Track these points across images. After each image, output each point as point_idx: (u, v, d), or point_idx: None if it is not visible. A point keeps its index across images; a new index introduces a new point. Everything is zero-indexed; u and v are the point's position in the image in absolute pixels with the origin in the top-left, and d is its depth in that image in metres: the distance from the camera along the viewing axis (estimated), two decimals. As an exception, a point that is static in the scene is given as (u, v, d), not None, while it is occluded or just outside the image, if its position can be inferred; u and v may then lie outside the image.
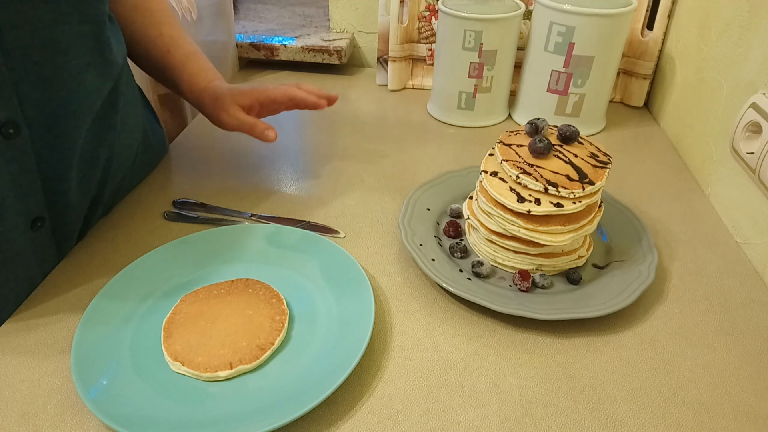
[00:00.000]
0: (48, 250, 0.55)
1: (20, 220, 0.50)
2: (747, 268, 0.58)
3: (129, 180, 0.66)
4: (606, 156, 0.53)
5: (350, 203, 0.66)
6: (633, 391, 0.45)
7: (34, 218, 0.52)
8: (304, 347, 0.47)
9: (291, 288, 0.52)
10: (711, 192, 0.68)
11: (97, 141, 0.56)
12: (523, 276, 0.52)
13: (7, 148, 0.47)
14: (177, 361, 0.44)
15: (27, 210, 0.51)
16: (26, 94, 0.47)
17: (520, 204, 0.49)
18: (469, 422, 0.42)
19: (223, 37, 0.96)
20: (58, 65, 0.48)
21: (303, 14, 1.14)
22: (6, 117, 0.46)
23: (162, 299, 0.51)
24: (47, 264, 0.55)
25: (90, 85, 0.52)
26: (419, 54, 0.95)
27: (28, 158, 0.49)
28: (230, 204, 0.66)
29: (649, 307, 0.53)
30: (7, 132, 0.46)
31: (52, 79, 0.48)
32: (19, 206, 0.50)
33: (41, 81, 0.47)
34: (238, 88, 0.66)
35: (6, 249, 0.49)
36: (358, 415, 0.42)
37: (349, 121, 0.86)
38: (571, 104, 0.80)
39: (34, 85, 0.47)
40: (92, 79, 0.52)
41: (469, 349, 0.48)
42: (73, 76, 0.50)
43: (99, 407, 0.40)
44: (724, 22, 0.69)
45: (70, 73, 0.50)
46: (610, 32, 0.74)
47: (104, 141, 0.57)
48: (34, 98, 0.48)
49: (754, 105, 0.59)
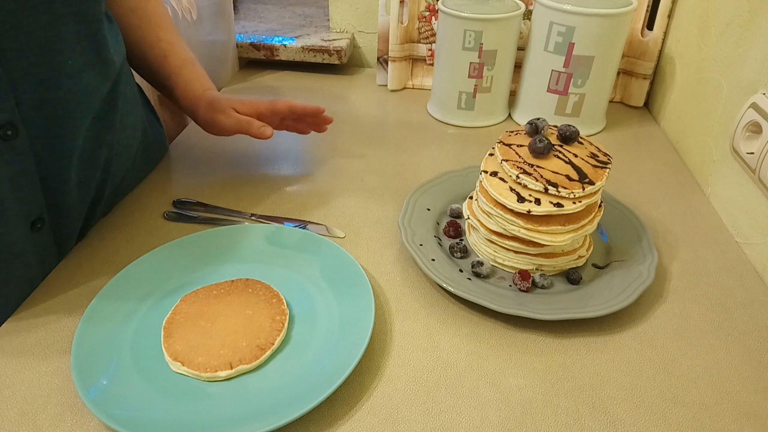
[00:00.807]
0: (48, 250, 0.55)
1: (20, 221, 0.50)
2: (747, 268, 0.58)
3: (129, 179, 0.66)
4: (606, 156, 0.53)
5: (350, 203, 0.66)
6: (633, 391, 0.45)
7: (34, 219, 0.52)
8: (304, 347, 0.47)
9: (291, 288, 0.52)
10: (711, 192, 0.68)
11: (97, 141, 0.56)
12: (523, 276, 0.52)
13: (5, 150, 0.47)
14: (177, 361, 0.44)
15: (27, 211, 0.51)
16: (24, 95, 0.47)
17: (520, 204, 0.49)
18: (469, 422, 0.42)
19: (223, 37, 0.96)
20: (55, 66, 0.48)
21: (303, 14, 1.14)
22: (3, 119, 0.46)
23: (162, 299, 0.51)
24: (47, 264, 0.55)
25: (88, 86, 0.52)
26: (419, 54, 0.95)
27: (27, 160, 0.49)
28: (230, 204, 0.66)
29: (649, 307, 0.53)
30: (5, 134, 0.46)
31: (50, 80, 0.48)
32: (19, 208, 0.50)
33: (38, 82, 0.47)
34: (236, 98, 0.67)
35: (6, 250, 0.49)
36: (358, 415, 0.42)
37: (349, 121, 0.86)
38: (571, 104, 0.80)
39: (31, 87, 0.47)
40: (90, 79, 0.52)
41: (469, 349, 0.48)
42: (70, 76, 0.50)
43: (99, 407, 0.40)
44: (724, 22, 0.69)
45: (67, 74, 0.49)
46: (610, 32, 0.74)
47: (103, 141, 0.57)
48: (32, 99, 0.47)
49: (754, 105, 0.59)
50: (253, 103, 0.66)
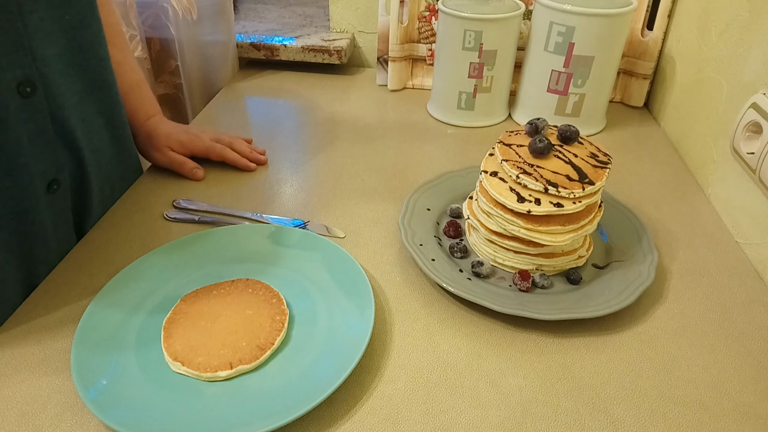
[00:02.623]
0: (63, 216, 0.56)
1: (37, 180, 0.50)
2: (747, 268, 0.58)
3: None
4: (606, 156, 0.53)
5: (350, 203, 0.66)
6: (633, 391, 0.45)
7: (50, 180, 0.52)
8: (304, 347, 0.47)
9: (291, 288, 0.52)
10: (711, 192, 0.68)
11: (97, 104, 0.58)
12: (523, 276, 0.52)
13: (24, 109, 0.47)
14: (177, 361, 0.44)
15: (43, 171, 0.51)
16: (39, 51, 0.48)
17: (520, 204, 0.49)
18: (469, 422, 0.42)
19: (223, 37, 0.96)
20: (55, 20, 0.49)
21: (303, 14, 1.14)
22: (23, 75, 0.46)
23: (162, 299, 0.51)
24: (61, 231, 0.56)
25: (88, 40, 0.54)
26: (419, 54, 0.95)
27: (44, 118, 0.49)
28: (230, 204, 0.66)
29: (649, 307, 0.53)
30: (24, 90, 0.47)
31: (55, 35, 0.49)
32: (35, 167, 0.50)
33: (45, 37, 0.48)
34: (175, 135, 0.69)
35: (21, 208, 0.50)
36: (358, 415, 0.42)
37: (349, 121, 0.86)
38: (571, 104, 0.80)
39: (42, 43, 0.48)
40: (89, 35, 0.54)
41: (469, 349, 0.48)
42: (67, 31, 0.51)
43: (99, 407, 0.40)
44: (724, 22, 0.69)
45: (64, 28, 0.51)
46: (610, 32, 0.74)
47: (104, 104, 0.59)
48: (45, 56, 0.48)
49: (755, 105, 0.59)
50: (190, 146, 0.70)
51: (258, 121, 0.85)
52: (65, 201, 0.55)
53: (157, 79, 0.93)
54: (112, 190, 0.65)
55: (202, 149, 0.70)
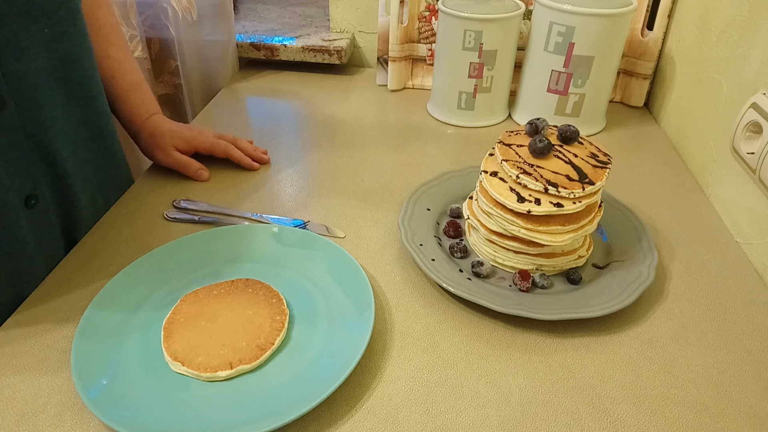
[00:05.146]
0: (47, 230, 0.55)
1: (13, 195, 0.50)
2: (747, 268, 0.58)
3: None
4: (606, 156, 0.53)
5: (350, 203, 0.66)
6: (633, 391, 0.45)
7: (28, 195, 0.51)
8: (304, 347, 0.47)
9: (291, 288, 0.52)
10: (711, 192, 0.68)
11: (82, 116, 0.56)
12: (523, 276, 0.52)
13: None
14: (177, 361, 0.44)
15: (20, 186, 0.50)
16: (8, 66, 0.47)
17: (520, 204, 0.49)
18: (469, 422, 0.42)
19: (223, 37, 0.96)
20: (34, 34, 0.49)
21: (303, 14, 1.14)
22: None
23: (162, 299, 0.51)
24: (47, 245, 0.55)
25: (65, 54, 0.53)
26: (419, 54, 0.95)
27: (16, 132, 0.49)
28: (230, 204, 0.66)
29: (649, 307, 0.53)
30: None
31: (30, 49, 0.49)
32: (10, 182, 0.49)
33: (20, 51, 0.48)
34: (179, 132, 0.68)
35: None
36: (358, 415, 0.42)
37: (349, 121, 0.86)
38: (571, 104, 0.80)
39: (15, 56, 0.47)
40: (67, 48, 0.53)
41: (469, 349, 0.48)
42: (46, 44, 0.50)
43: (99, 407, 0.40)
44: (724, 22, 0.69)
45: (44, 42, 0.50)
46: (610, 32, 0.74)
47: (89, 116, 0.57)
48: (19, 69, 0.48)
49: (755, 105, 0.59)
50: (194, 142, 0.69)
51: (258, 121, 0.85)
52: (47, 216, 0.54)
53: (157, 79, 0.93)
54: (105, 202, 0.64)
55: (206, 146, 0.70)
